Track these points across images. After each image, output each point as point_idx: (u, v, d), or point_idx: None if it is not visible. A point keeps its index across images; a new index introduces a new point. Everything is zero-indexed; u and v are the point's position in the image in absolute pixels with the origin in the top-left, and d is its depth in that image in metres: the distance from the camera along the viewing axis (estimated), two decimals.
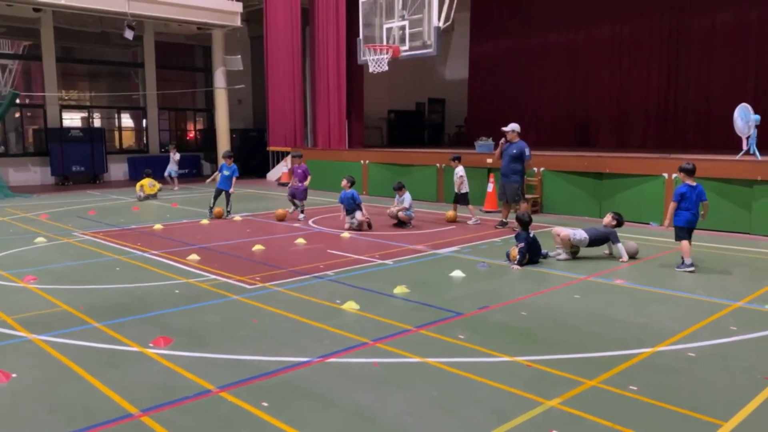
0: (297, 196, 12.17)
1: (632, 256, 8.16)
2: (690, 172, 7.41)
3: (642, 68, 19.31)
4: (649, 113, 19.17)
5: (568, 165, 12.60)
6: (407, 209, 10.80)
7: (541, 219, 11.75)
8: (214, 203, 12.12)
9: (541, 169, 12.78)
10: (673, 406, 3.83)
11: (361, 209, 10.48)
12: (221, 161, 13.11)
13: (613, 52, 20.01)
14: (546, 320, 5.57)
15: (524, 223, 8.00)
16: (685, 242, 7.43)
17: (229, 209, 12.17)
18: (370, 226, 10.52)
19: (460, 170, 11.25)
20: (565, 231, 8.09)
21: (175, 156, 18.22)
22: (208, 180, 13.29)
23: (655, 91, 19.07)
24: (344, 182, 10.72)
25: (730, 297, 6.32)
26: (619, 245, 8.08)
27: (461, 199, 11.29)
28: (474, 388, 4.12)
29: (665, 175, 10.98)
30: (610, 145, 18.99)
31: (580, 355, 4.73)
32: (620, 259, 7.99)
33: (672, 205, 7.46)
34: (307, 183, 12.19)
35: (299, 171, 12.29)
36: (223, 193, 12.14)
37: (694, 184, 7.37)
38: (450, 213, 11.56)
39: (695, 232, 7.58)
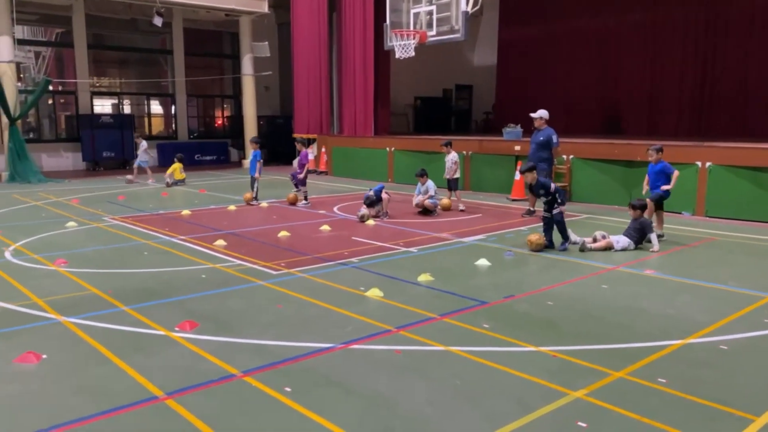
0: (296, 181, 12.30)
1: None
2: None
3: (675, 53, 18.79)
4: (682, 100, 18.68)
5: (598, 152, 12.36)
6: (432, 197, 10.74)
7: (569, 208, 11.55)
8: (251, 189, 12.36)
9: (570, 156, 12.57)
10: (703, 399, 3.73)
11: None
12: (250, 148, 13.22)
13: (646, 37, 19.51)
14: (572, 310, 5.49)
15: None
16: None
17: (255, 195, 12.25)
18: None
19: (455, 156, 11.27)
20: (605, 240, 7.92)
21: (142, 145, 16.86)
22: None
23: (689, 77, 18.55)
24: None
25: (763, 289, 6.14)
26: (652, 235, 7.92)
27: (454, 185, 11.26)
28: (497, 377, 4.07)
29: (698, 163, 10.71)
30: (641, 133, 18.58)
31: (606, 346, 4.64)
32: (651, 249, 7.83)
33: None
34: (303, 171, 12.22)
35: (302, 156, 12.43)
36: (251, 178, 12.28)
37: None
38: (445, 201, 11.35)
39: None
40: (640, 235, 7.97)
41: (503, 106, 23.55)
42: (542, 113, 10.32)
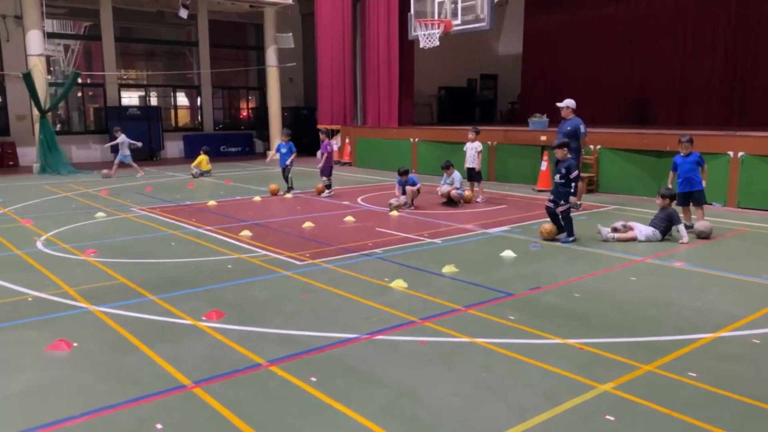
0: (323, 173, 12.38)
1: (706, 237, 7.88)
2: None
3: (706, 42, 18.34)
4: (712, 89, 18.23)
5: (626, 142, 12.15)
6: (458, 188, 10.66)
7: (597, 198, 11.43)
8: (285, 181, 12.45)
9: (598, 146, 12.38)
10: (735, 394, 3.66)
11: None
12: (277, 140, 13.30)
13: (676, 25, 19.06)
14: (600, 302, 5.41)
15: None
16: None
17: (290, 185, 12.40)
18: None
19: (479, 145, 11.08)
20: (631, 232, 7.79)
21: (122, 138, 15.80)
22: (267, 160, 13.34)
23: (720, 65, 18.09)
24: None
25: None
26: (680, 226, 7.77)
27: (477, 176, 11.12)
28: (524, 370, 4.04)
29: (730, 153, 10.46)
30: (670, 123, 18.22)
31: (635, 339, 4.57)
32: (680, 241, 7.68)
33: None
34: (323, 160, 12.29)
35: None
36: (282, 170, 12.45)
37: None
38: (467, 193, 11.06)
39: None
40: (666, 225, 7.82)
41: (529, 95, 23.27)
42: (569, 102, 10.17)
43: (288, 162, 12.40)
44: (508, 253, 7.10)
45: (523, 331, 4.72)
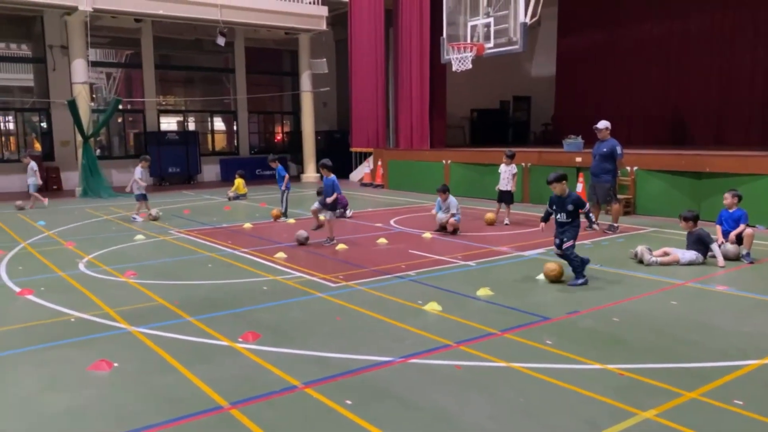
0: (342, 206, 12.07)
1: (733, 259, 7.70)
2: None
3: (745, 60, 18.00)
4: (752, 108, 17.84)
5: (664, 163, 11.95)
6: (455, 214, 10.03)
7: (634, 221, 11.23)
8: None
9: (635, 168, 12.19)
10: None
11: None
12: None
13: (712, 43, 18.77)
14: (640, 327, 5.29)
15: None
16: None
17: (284, 210, 12.31)
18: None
19: (514, 168, 10.97)
20: (669, 256, 7.63)
21: (31, 166, 14.76)
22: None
23: (759, 83, 17.73)
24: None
25: None
26: (714, 246, 7.58)
27: (508, 198, 10.96)
28: (562, 395, 3.96)
29: None
30: (707, 143, 17.86)
31: (677, 365, 4.45)
32: (718, 264, 7.48)
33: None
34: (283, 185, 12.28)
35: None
36: (282, 194, 12.43)
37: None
38: (490, 215, 10.94)
39: None
40: (701, 247, 7.64)
41: (563, 117, 23.12)
42: (607, 124, 10.06)
43: (283, 186, 12.34)
44: (543, 277, 7.01)
45: (561, 355, 4.64)
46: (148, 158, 13.56)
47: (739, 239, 7.91)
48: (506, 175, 10.99)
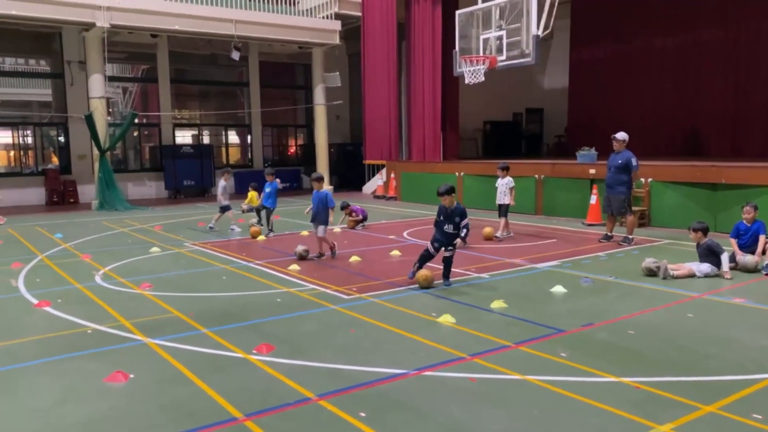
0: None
1: (751, 270, 7.61)
2: None
3: (761, 70, 17.91)
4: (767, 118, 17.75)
5: (679, 175, 11.87)
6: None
7: (649, 233, 11.15)
8: (258, 221, 12.06)
9: (650, 179, 12.13)
10: None
11: None
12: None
13: (727, 55, 18.71)
14: (656, 340, 5.24)
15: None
16: None
17: (270, 227, 11.78)
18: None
19: (510, 181, 10.81)
20: (687, 268, 7.59)
21: None
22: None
23: None
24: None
25: None
26: (723, 256, 7.52)
27: (504, 211, 10.81)
28: (578, 408, 3.93)
29: None
30: (723, 154, 17.73)
31: (694, 378, 4.40)
32: (724, 275, 7.41)
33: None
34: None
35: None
36: (265, 210, 11.92)
37: None
38: (487, 229, 10.79)
39: None
40: (714, 258, 7.58)
41: (576, 128, 23.09)
42: (624, 135, 10.01)
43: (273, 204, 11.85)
44: (558, 289, 6.98)
45: (576, 368, 4.61)
46: (230, 170, 13.80)
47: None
48: (502, 188, 10.90)
